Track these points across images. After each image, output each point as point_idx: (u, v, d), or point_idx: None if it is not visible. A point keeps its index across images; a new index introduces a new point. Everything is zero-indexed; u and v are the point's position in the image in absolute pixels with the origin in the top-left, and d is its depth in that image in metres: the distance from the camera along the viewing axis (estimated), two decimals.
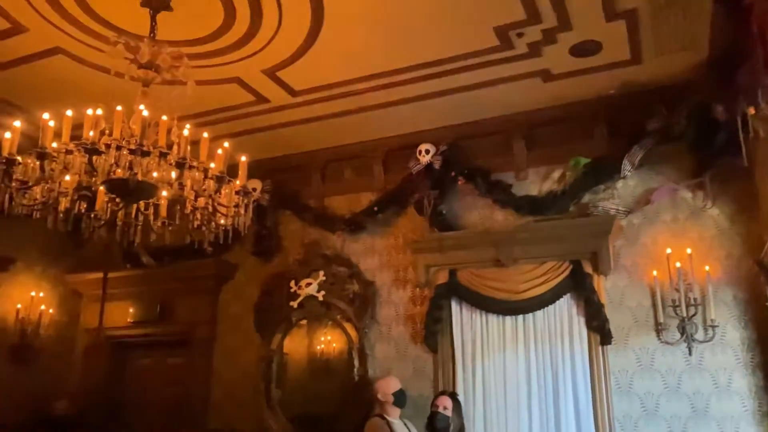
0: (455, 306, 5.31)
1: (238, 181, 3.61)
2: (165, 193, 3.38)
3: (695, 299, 4.57)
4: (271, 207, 6.25)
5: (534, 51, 4.46)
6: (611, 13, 4.04)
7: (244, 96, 5.14)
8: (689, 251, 4.67)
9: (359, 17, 4.09)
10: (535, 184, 5.40)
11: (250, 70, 4.74)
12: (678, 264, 4.65)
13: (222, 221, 3.60)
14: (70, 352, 6.94)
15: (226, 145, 3.55)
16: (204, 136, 3.49)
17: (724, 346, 4.55)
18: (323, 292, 5.80)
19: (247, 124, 5.58)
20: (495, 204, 5.44)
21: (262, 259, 6.32)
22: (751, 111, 3.62)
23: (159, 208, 3.43)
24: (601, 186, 5.07)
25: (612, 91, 4.93)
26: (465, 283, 5.27)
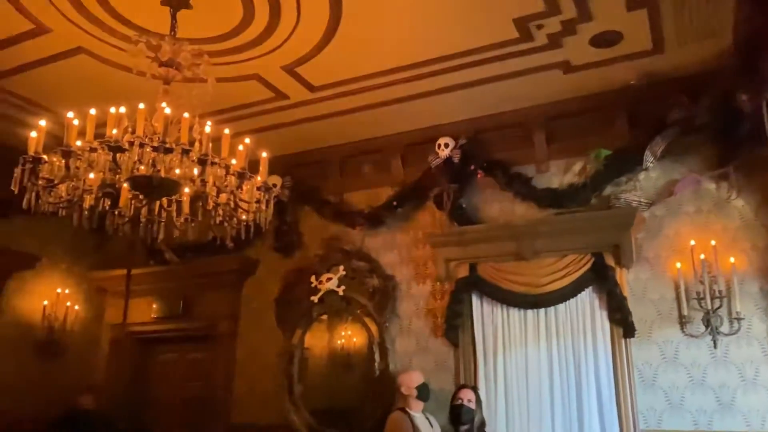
0: (476, 300, 5.30)
1: (259, 177, 3.64)
2: (187, 190, 3.41)
3: (720, 291, 4.51)
4: (291, 203, 6.29)
5: (554, 42, 4.42)
6: (632, 2, 3.99)
7: (263, 92, 5.17)
8: (713, 243, 4.61)
9: (377, 11, 4.09)
10: (556, 176, 5.36)
11: (269, 66, 4.77)
12: (702, 256, 4.59)
13: (243, 217, 3.62)
14: (95, 347, 7.06)
15: (247, 142, 3.58)
16: (225, 132, 3.51)
17: (750, 338, 4.49)
18: (343, 286, 5.83)
19: (267, 120, 5.61)
20: (515, 197, 5.42)
21: (282, 255, 6.37)
22: None
23: (182, 204, 3.46)
24: (623, 178, 5.01)
25: (633, 82, 4.86)
26: (485, 277, 5.25)
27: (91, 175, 3.31)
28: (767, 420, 4.32)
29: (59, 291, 6.61)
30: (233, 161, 3.51)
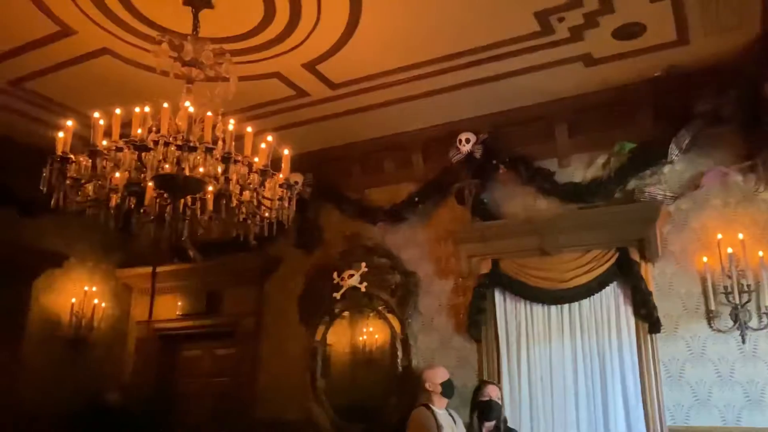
0: (498, 296, 5.28)
1: (281, 175, 3.66)
2: (211, 188, 3.44)
3: (748, 285, 4.43)
4: (313, 200, 6.31)
5: (575, 35, 4.37)
6: None
7: (285, 90, 5.20)
8: (741, 236, 4.53)
9: (397, 7, 4.08)
10: (579, 171, 5.31)
11: (290, 64, 4.78)
12: (730, 250, 4.51)
13: (266, 214, 3.65)
14: (121, 344, 7.17)
15: (269, 139, 3.60)
16: (248, 130, 3.54)
17: None
18: (365, 283, 5.85)
19: (289, 118, 5.63)
20: (538, 192, 5.38)
21: (304, 252, 6.40)
22: None
23: (205, 202, 3.49)
24: (648, 171, 4.94)
25: (657, 74, 4.78)
26: (508, 273, 5.23)
27: (117, 174, 3.36)
28: None
29: (86, 289, 6.72)
30: (256, 159, 3.54)
